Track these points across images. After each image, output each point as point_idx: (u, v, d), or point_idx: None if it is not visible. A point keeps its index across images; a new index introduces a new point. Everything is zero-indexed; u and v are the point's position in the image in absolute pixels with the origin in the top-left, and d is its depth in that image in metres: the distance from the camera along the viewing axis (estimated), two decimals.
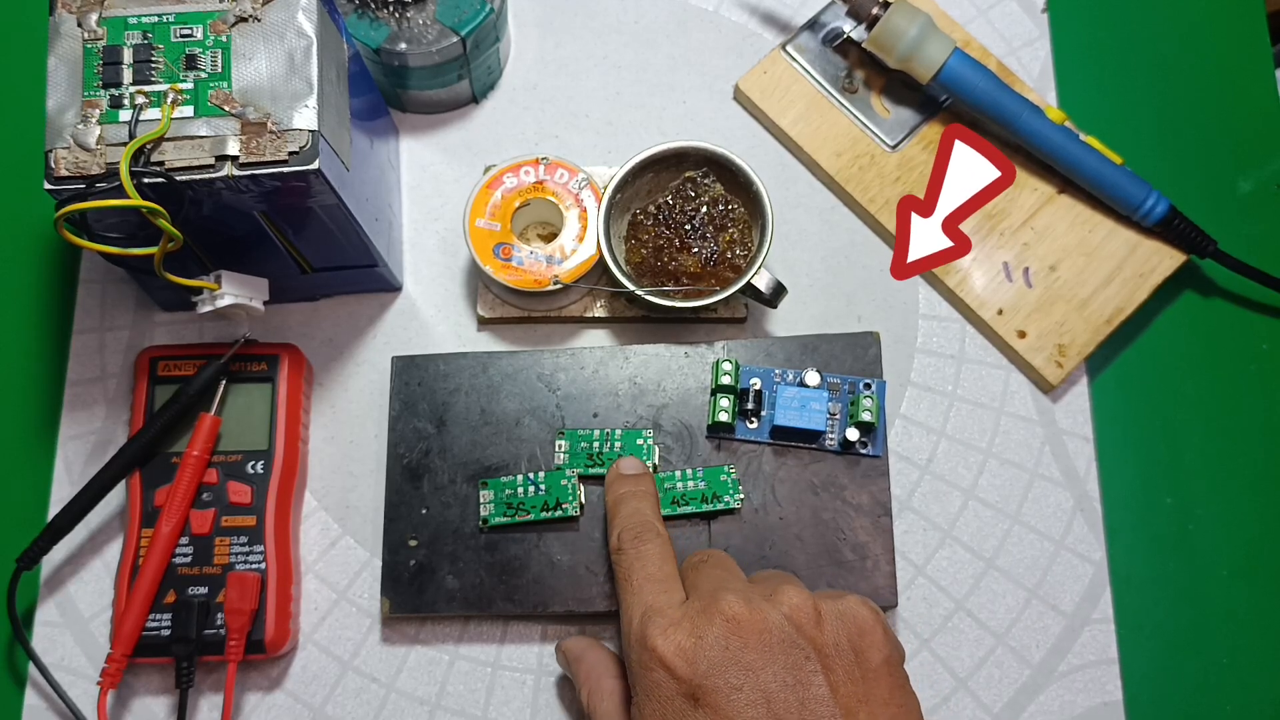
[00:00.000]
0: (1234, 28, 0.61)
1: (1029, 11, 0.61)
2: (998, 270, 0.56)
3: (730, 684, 0.38)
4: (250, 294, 0.48)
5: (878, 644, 0.40)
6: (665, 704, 0.38)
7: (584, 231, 0.52)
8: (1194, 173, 0.59)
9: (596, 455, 0.50)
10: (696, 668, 0.38)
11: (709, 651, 0.38)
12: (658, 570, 0.43)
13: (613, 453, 0.50)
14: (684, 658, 0.38)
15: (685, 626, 0.39)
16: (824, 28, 0.59)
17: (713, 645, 0.38)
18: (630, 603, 0.42)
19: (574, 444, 0.50)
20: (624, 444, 0.50)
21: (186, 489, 0.49)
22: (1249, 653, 0.52)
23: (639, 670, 0.39)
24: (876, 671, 0.39)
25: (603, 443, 0.50)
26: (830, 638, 0.39)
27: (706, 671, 0.38)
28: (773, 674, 0.38)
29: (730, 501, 0.50)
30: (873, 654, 0.39)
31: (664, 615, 0.40)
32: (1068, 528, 0.53)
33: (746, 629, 0.39)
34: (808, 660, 0.38)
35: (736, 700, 0.37)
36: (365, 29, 0.52)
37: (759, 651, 0.38)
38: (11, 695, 0.51)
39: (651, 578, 0.42)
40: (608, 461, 0.50)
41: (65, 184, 0.41)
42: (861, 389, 0.51)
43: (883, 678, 0.39)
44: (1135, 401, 0.56)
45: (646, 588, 0.42)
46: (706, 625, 0.39)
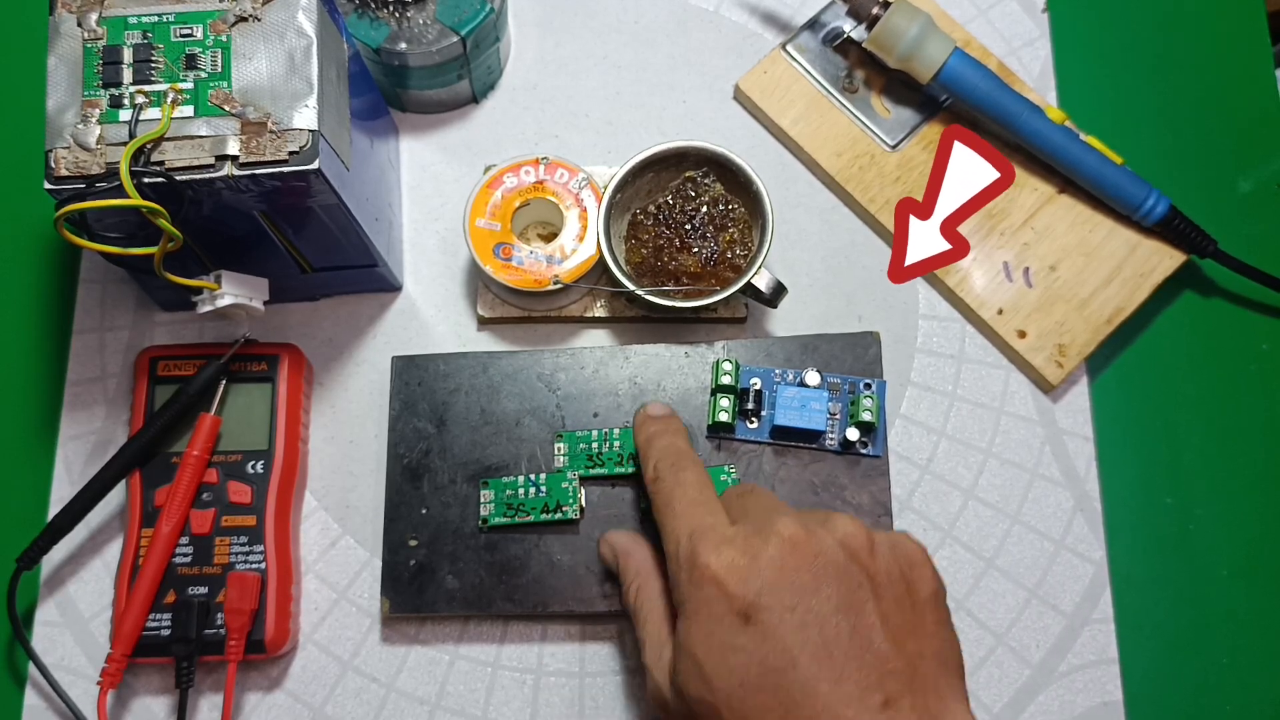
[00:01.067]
0: (1234, 28, 0.61)
1: (1029, 11, 0.61)
2: (998, 270, 0.56)
3: (784, 604, 0.37)
4: (250, 294, 0.48)
5: (927, 577, 0.39)
6: (715, 622, 0.38)
7: (584, 231, 0.52)
8: (1194, 173, 0.59)
9: (596, 456, 0.50)
10: (749, 585, 0.37)
11: (764, 570, 0.37)
12: (699, 495, 0.42)
13: (612, 452, 0.50)
14: (737, 575, 0.38)
15: (739, 544, 0.39)
16: (824, 27, 0.59)
17: (767, 565, 0.38)
18: (675, 526, 0.41)
19: (573, 446, 0.50)
20: (623, 443, 0.50)
21: (186, 489, 0.49)
22: (1249, 653, 0.52)
23: (689, 588, 0.39)
24: (924, 604, 0.39)
25: (601, 443, 0.50)
26: (883, 566, 0.39)
27: (760, 590, 0.37)
28: (826, 597, 0.37)
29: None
30: (922, 586, 0.39)
31: (715, 533, 0.39)
32: (1068, 528, 0.53)
33: (802, 551, 0.38)
34: (860, 587, 0.38)
35: (789, 621, 0.37)
36: (365, 29, 0.52)
37: (813, 574, 0.38)
38: (11, 695, 0.51)
39: (695, 501, 0.42)
40: (608, 462, 0.50)
41: (65, 184, 0.41)
42: (861, 389, 0.51)
43: (929, 610, 0.39)
44: (1135, 401, 0.56)
45: (691, 511, 0.41)
46: (761, 545, 0.38)
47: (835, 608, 0.37)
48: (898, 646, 0.37)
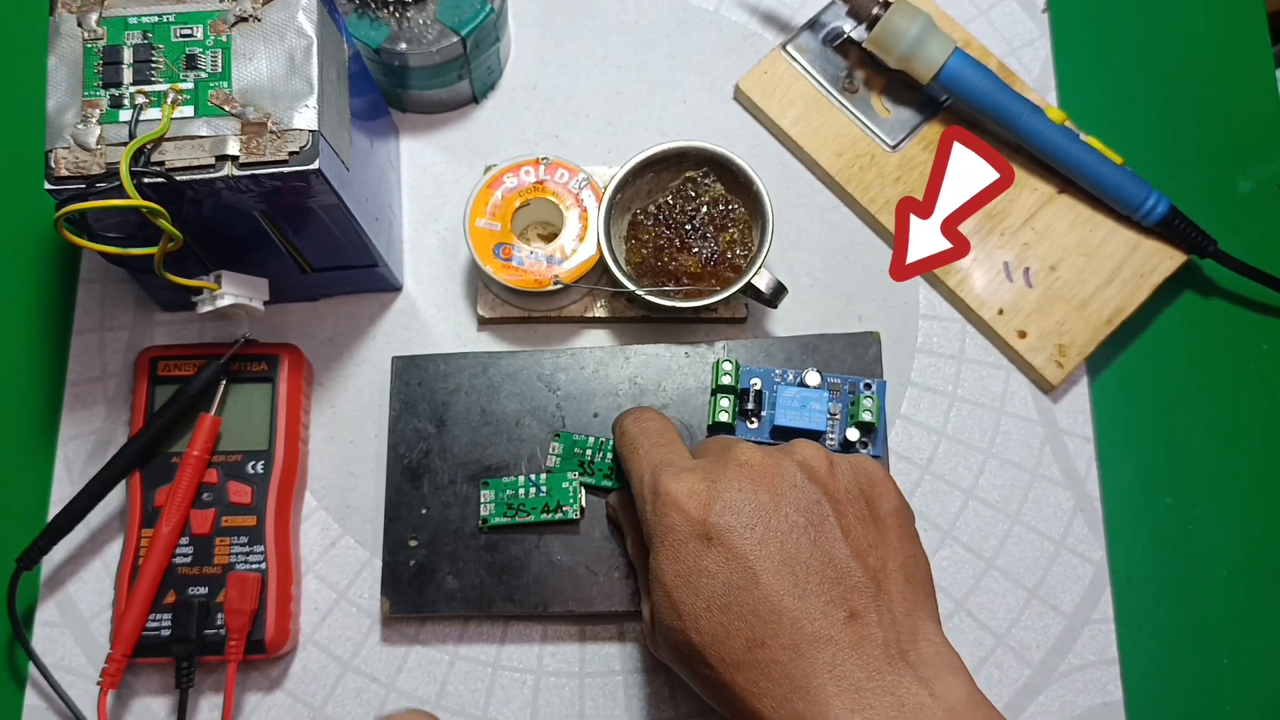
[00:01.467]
0: (1234, 28, 0.61)
1: (1029, 11, 0.61)
2: (998, 270, 0.56)
3: (744, 523, 0.38)
4: (250, 294, 0.48)
5: (889, 495, 0.40)
6: (679, 546, 0.39)
7: (584, 231, 0.52)
8: (1194, 173, 0.59)
9: (589, 465, 0.50)
10: (710, 508, 0.39)
11: (723, 493, 0.39)
12: (661, 436, 0.44)
13: (604, 463, 0.50)
14: (697, 499, 0.39)
15: (698, 473, 0.40)
16: (824, 28, 0.59)
17: (726, 488, 0.39)
18: (639, 464, 0.43)
19: (568, 448, 0.50)
20: (615, 456, 0.50)
21: (186, 489, 0.49)
22: (1249, 653, 0.52)
23: (652, 518, 0.40)
24: (886, 520, 0.40)
25: (596, 452, 0.50)
26: (842, 484, 0.40)
27: (720, 510, 0.38)
28: (785, 515, 0.38)
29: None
30: (883, 503, 0.40)
31: (675, 465, 0.41)
32: (1068, 528, 0.53)
33: (760, 473, 0.39)
34: (819, 504, 0.39)
35: (749, 539, 0.38)
36: (365, 29, 0.52)
37: (771, 494, 0.39)
38: (11, 695, 0.51)
39: (657, 443, 0.43)
40: (598, 473, 0.50)
41: (65, 184, 0.41)
42: (862, 389, 0.51)
43: (892, 527, 0.40)
44: (1135, 401, 0.56)
45: (654, 450, 0.43)
46: (720, 471, 0.40)
47: (794, 524, 0.38)
48: (860, 560, 0.38)
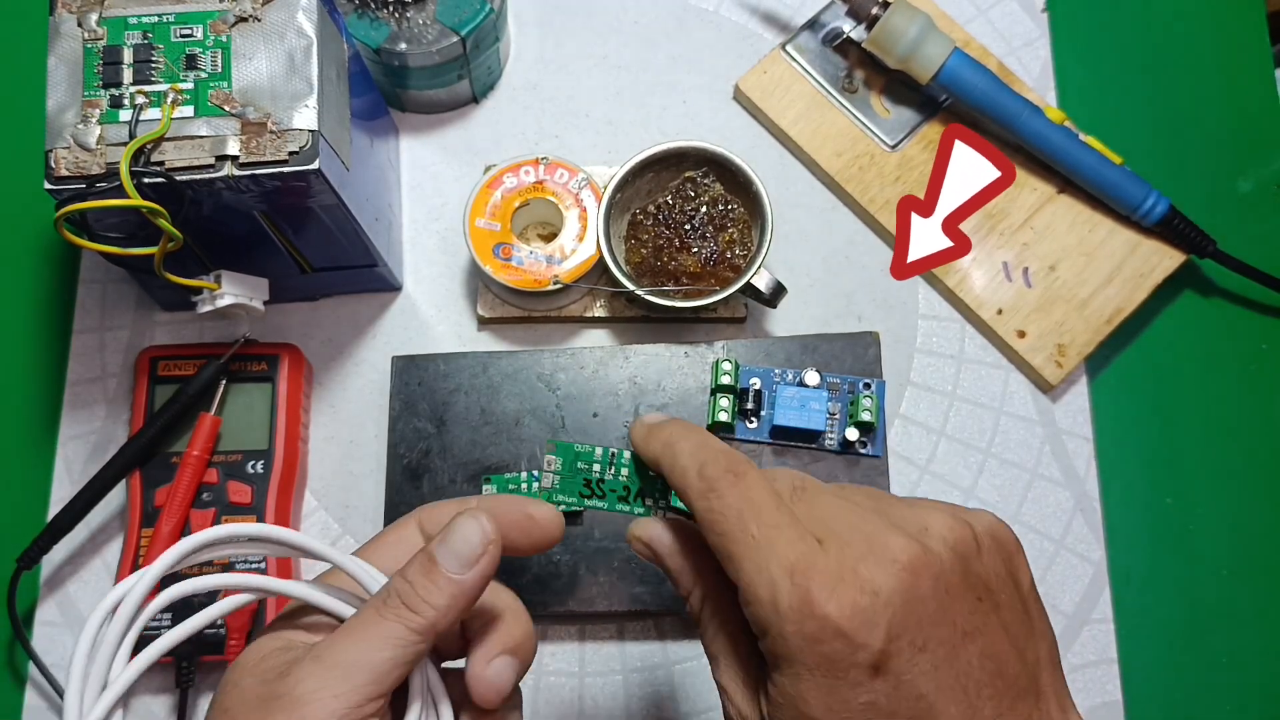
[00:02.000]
0: (1234, 28, 0.61)
1: (1029, 11, 0.61)
2: (997, 270, 0.56)
3: (914, 644, 0.31)
4: (250, 294, 0.48)
5: (1025, 566, 0.35)
6: (838, 679, 0.31)
7: (584, 231, 0.52)
8: (1194, 173, 0.59)
9: (596, 485, 0.39)
10: (877, 631, 0.31)
11: (891, 612, 0.31)
12: (775, 513, 0.33)
13: (616, 482, 0.39)
14: (863, 620, 0.31)
15: (853, 581, 0.31)
16: (824, 28, 0.59)
17: (890, 600, 0.31)
18: (759, 561, 0.32)
19: (568, 461, 0.39)
20: (630, 471, 0.39)
21: (186, 489, 0.49)
22: (1248, 652, 0.52)
23: (800, 642, 0.31)
24: (1029, 598, 0.35)
25: (605, 466, 0.39)
26: (992, 568, 0.34)
27: (889, 634, 0.31)
28: (953, 624, 0.32)
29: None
30: (1023, 578, 0.35)
31: (820, 571, 0.31)
32: (1067, 527, 0.53)
33: (922, 574, 0.32)
34: (981, 601, 0.33)
35: (921, 664, 0.31)
36: (365, 29, 0.52)
37: (937, 600, 0.32)
38: (11, 695, 0.51)
39: (775, 524, 0.33)
40: (610, 495, 0.39)
41: (65, 184, 0.41)
42: (861, 389, 0.51)
43: (1034, 605, 0.35)
44: (1135, 401, 0.56)
45: (775, 538, 0.32)
46: (881, 575, 0.31)
47: (963, 634, 0.32)
48: (1021, 659, 0.33)
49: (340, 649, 0.32)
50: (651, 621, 0.51)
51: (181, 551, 0.33)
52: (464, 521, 0.34)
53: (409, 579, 0.33)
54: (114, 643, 0.33)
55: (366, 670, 0.31)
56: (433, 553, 0.34)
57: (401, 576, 0.33)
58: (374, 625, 0.32)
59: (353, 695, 0.31)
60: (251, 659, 0.34)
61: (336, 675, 0.31)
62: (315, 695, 0.31)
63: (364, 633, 0.32)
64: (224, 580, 0.34)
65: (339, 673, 0.31)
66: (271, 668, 0.33)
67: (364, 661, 0.32)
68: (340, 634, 0.32)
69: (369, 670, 0.31)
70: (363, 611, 0.33)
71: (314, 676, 0.31)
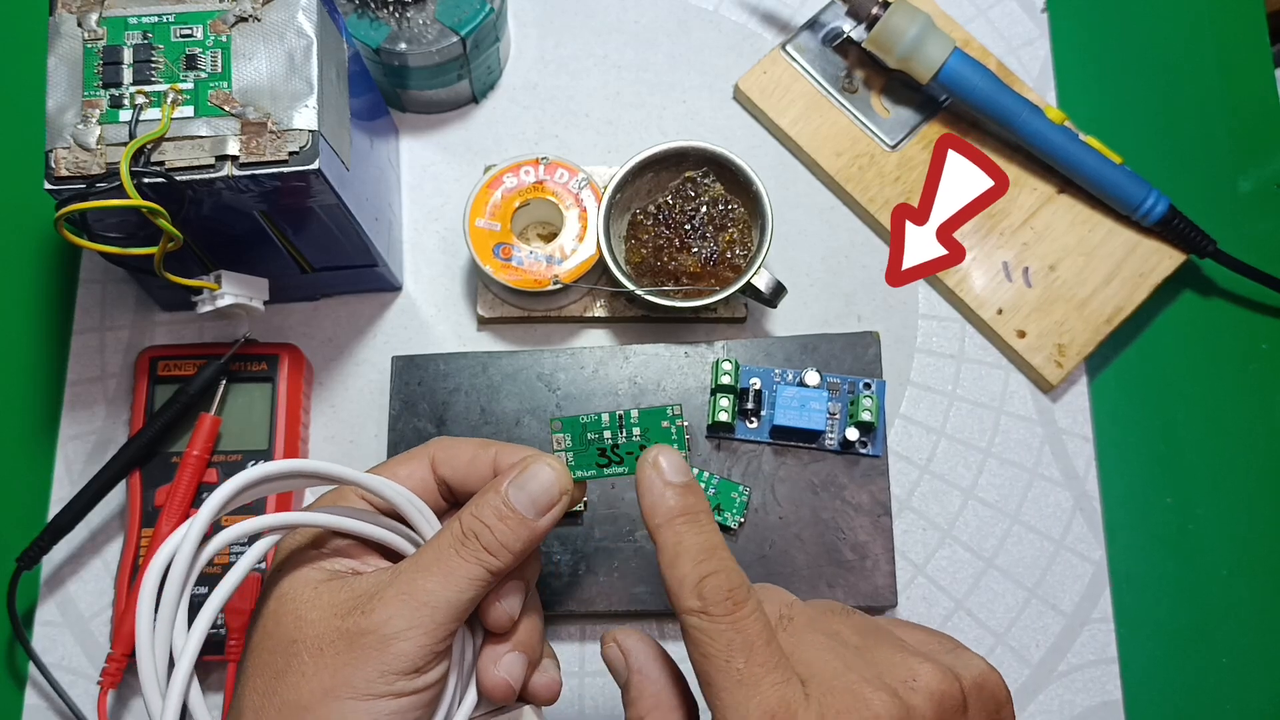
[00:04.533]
0: (1234, 28, 0.61)
1: (1029, 11, 0.61)
2: (997, 270, 0.56)
3: None
4: (250, 294, 0.48)
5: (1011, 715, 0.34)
6: None
7: (584, 231, 0.52)
8: (1194, 172, 0.59)
9: (612, 451, 0.37)
10: None
11: None
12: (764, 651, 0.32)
13: (632, 443, 0.37)
14: None
15: None
16: (824, 27, 0.59)
17: None
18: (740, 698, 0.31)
19: (577, 436, 0.37)
20: (645, 429, 0.37)
21: (186, 489, 0.49)
22: (1249, 652, 0.52)
23: None
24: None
25: (616, 432, 0.37)
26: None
27: None
28: None
29: (730, 520, 0.49)
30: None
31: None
32: (1067, 527, 0.53)
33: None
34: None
35: None
36: (365, 29, 0.52)
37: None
38: (12, 695, 0.51)
39: (761, 663, 0.32)
40: (627, 458, 0.37)
41: (65, 184, 0.41)
42: (861, 389, 0.51)
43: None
44: (1135, 401, 0.56)
45: (760, 678, 0.31)
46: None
47: None
48: None
49: (427, 588, 0.33)
50: (652, 621, 0.51)
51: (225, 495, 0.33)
52: (540, 467, 0.35)
53: (485, 521, 0.34)
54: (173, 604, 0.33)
55: (452, 609, 0.33)
56: (507, 496, 0.35)
57: (476, 518, 0.34)
58: (458, 566, 0.34)
59: (439, 631, 0.33)
60: (304, 592, 0.34)
61: (426, 614, 0.33)
62: (406, 633, 0.32)
63: (449, 573, 0.33)
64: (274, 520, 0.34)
65: (428, 612, 0.33)
66: (340, 601, 0.33)
67: (451, 601, 0.33)
68: (423, 571, 0.33)
69: (453, 609, 0.33)
70: (441, 548, 0.34)
71: (403, 615, 0.32)
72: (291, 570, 0.35)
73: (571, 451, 0.38)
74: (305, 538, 0.36)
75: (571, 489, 0.36)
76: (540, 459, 0.36)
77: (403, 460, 0.38)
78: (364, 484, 0.35)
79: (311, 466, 0.35)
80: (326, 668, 0.32)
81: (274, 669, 0.33)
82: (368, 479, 0.35)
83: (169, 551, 0.33)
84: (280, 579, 0.35)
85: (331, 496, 0.38)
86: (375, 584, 0.33)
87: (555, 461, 0.36)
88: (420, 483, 0.37)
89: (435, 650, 0.33)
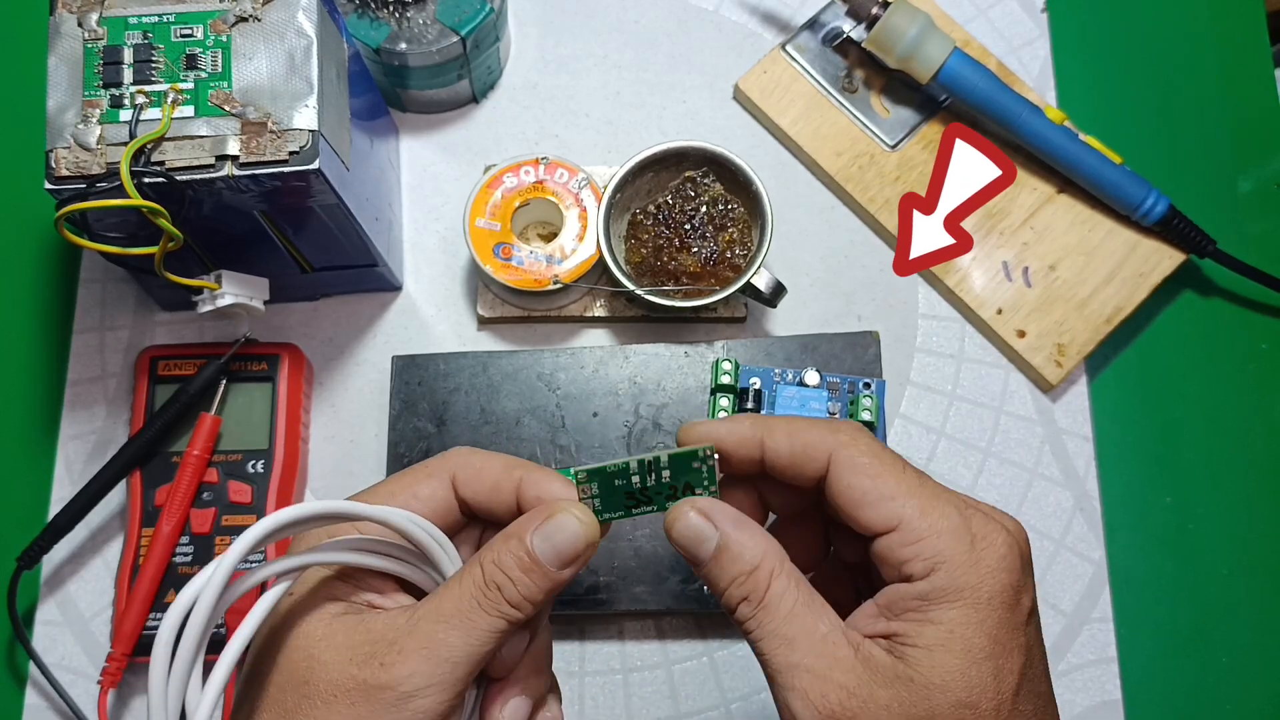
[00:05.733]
0: (1234, 28, 0.61)
1: (1029, 11, 0.61)
2: (997, 270, 0.56)
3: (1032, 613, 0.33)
4: (250, 293, 0.48)
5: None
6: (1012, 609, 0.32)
7: (584, 231, 0.52)
8: (1194, 172, 0.59)
9: (640, 494, 0.35)
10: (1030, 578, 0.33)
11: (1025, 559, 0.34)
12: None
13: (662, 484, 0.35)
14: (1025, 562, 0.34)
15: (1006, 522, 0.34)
16: (824, 27, 0.59)
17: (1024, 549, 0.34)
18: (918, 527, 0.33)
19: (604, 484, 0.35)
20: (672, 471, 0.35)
21: (187, 488, 0.49)
22: (1248, 651, 0.52)
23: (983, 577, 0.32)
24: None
25: (645, 477, 0.35)
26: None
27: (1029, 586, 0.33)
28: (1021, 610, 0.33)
29: None
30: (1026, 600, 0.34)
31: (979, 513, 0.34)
32: (1067, 527, 0.53)
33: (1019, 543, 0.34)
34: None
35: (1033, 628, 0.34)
36: (365, 29, 0.52)
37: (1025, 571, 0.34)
38: (12, 694, 0.51)
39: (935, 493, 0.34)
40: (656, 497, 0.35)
41: (65, 184, 0.41)
42: (861, 388, 0.51)
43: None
44: (1135, 401, 0.56)
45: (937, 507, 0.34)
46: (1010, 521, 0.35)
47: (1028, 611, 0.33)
48: None
49: (449, 642, 0.32)
50: (651, 621, 0.51)
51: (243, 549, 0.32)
52: (567, 519, 0.34)
53: (508, 574, 0.33)
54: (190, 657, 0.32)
55: (471, 663, 0.32)
56: (531, 546, 0.33)
57: (499, 569, 0.33)
58: (478, 619, 0.32)
59: (458, 685, 0.32)
60: (319, 628, 0.33)
61: (447, 670, 0.32)
62: (426, 690, 0.31)
63: (469, 627, 0.32)
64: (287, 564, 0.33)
65: (449, 668, 0.32)
66: (356, 645, 0.32)
67: (472, 656, 0.32)
68: (444, 623, 0.32)
69: (473, 663, 0.32)
70: (463, 600, 0.33)
71: (423, 672, 0.31)
72: (306, 600, 0.34)
73: (598, 499, 0.36)
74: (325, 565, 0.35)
75: (598, 540, 0.34)
76: (568, 510, 0.34)
77: (422, 477, 0.36)
78: (387, 521, 0.33)
79: (333, 508, 0.33)
80: (339, 718, 0.31)
81: (283, 707, 0.32)
82: (390, 516, 0.33)
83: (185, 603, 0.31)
84: (296, 608, 0.34)
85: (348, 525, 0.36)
86: (394, 629, 0.32)
87: (583, 513, 0.34)
88: (442, 503, 0.36)
89: (452, 705, 0.32)
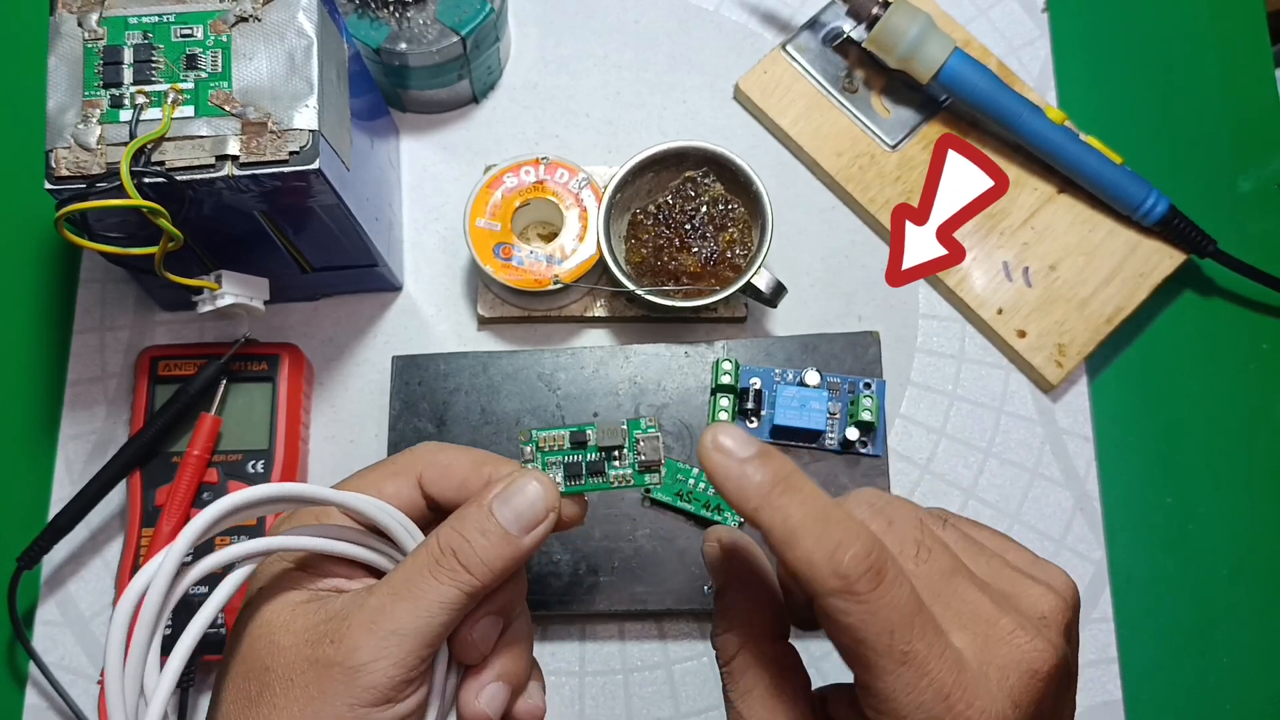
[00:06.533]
0: (1234, 28, 0.61)
1: (1029, 11, 0.61)
2: (998, 270, 0.56)
3: None
4: (250, 294, 0.48)
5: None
6: None
7: (584, 231, 0.52)
8: (1194, 172, 0.59)
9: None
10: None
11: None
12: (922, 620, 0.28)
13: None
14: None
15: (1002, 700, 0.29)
16: (824, 27, 0.59)
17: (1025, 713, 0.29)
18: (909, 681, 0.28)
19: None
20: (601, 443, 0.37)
21: (187, 488, 0.49)
22: (1249, 651, 0.52)
23: None
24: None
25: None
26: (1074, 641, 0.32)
27: None
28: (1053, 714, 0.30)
29: (730, 521, 0.49)
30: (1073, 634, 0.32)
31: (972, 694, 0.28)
32: (1068, 527, 0.53)
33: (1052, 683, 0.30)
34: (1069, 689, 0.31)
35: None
36: (365, 29, 0.52)
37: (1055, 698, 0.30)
38: (12, 694, 0.51)
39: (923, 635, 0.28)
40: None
41: (66, 184, 0.41)
42: (861, 388, 0.51)
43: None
44: (1135, 401, 0.56)
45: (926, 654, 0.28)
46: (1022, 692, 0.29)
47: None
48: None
49: (394, 616, 0.31)
50: (651, 621, 0.51)
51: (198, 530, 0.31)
52: (527, 481, 0.33)
53: (465, 535, 0.32)
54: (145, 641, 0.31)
55: (422, 636, 0.31)
56: (491, 509, 0.33)
57: (456, 531, 0.32)
58: (429, 589, 0.31)
59: (408, 660, 0.31)
60: (281, 615, 0.32)
61: (394, 643, 0.31)
62: (373, 664, 0.30)
63: (419, 598, 0.31)
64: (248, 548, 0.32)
65: (395, 640, 0.31)
66: (313, 626, 0.32)
67: (421, 629, 0.31)
68: (392, 596, 0.31)
69: (423, 636, 0.31)
70: (414, 568, 0.32)
71: (369, 646, 0.31)
72: (272, 589, 0.34)
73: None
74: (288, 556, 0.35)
75: (559, 507, 0.34)
76: (528, 474, 0.34)
77: (387, 475, 0.36)
78: (345, 504, 0.33)
79: (287, 490, 0.32)
80: (296, 700, 0.31)
81: (247, 695, 0.32)
82: (348, 499, 0.33)
83: (139, 589, 0.31)
84: (260, 599, 0.33)
85: (316, 513, 0.36)
86: (347, 608, 0.32)
87: (543, 477, 0.34)
88: (407, 500, 0.35)
89: (406, 679, 0.31)
